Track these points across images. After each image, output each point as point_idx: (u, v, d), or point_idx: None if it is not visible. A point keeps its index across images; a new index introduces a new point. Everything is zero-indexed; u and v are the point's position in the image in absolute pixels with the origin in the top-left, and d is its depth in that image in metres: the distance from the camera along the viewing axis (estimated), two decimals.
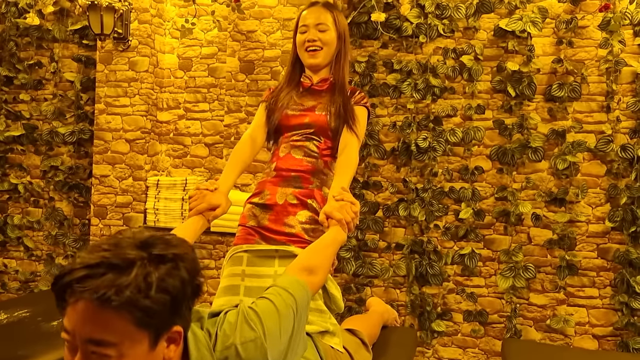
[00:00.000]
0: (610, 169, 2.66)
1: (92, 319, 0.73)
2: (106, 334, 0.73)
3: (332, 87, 1.70)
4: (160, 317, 0.77)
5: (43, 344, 1.55)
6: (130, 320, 0.73)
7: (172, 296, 0.77)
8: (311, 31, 1.66)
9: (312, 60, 1.67)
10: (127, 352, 0.74)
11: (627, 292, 2.59)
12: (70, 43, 3.27)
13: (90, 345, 0.73)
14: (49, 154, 3.30)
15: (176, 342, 0.81)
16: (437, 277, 2.78)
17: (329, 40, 1.67)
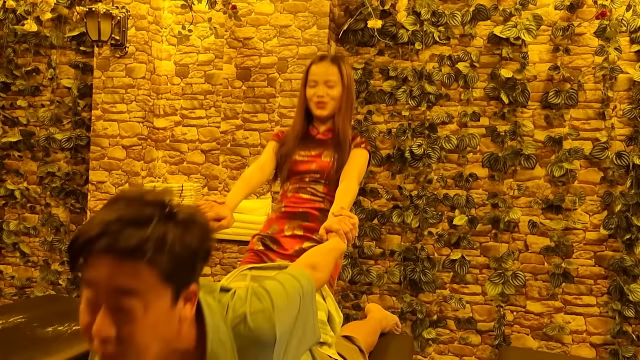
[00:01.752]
0: (605, 176, 2.71)
1: (119, 270, 0.75)
2: (134, 282, 0.75)
3: (336, 136, 1.86)
4: (182, 272, 0.80)
5: (39, 350, 1.59)
6: (154, 272, 0.76)
7: (191, 252, 0.80)
8: (320, 87, 1.82)
9: (320, 112, 1.84)
10: (152, 305, 0.76)
11: (620, 300, 2.63)
12: (67, 50, 3.34)
13: (116, 296, 0.75)
14: (45, 160, 3.36)
15: (192, 302, 0.84)
16: (430, 285, 2.83)
17: (336, 95, 1.83)
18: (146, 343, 0.77)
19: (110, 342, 0.75)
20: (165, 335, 0.80)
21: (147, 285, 0.76)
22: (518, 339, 2.78)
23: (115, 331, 0.75)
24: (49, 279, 3.32)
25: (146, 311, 0.76)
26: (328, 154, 1.84)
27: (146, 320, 0.76)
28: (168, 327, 0.80)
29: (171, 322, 0.80)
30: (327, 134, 1.87)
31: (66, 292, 3.30)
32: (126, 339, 0.75)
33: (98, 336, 0.75)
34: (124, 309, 0.75)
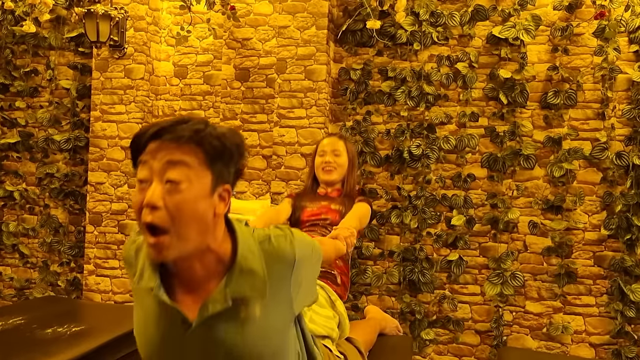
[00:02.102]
0: (605, 177, 2.72)
1: (172, 149, 0.92)
2: (184, 157, 0.92)
3: (343, 194, 2.19)
4: (220, 163, 0.96)
5: (38, 352, 1.60)
6: (200, 155, 0.93)
7: (229, 151, 0.97)
8: (328, 155, 2.18)
9: (327, 176, 2.18)
10: (195, 182, 0.92)
11: (621, 300, 2.64)
12: (66, 51, 3.36)
13: (167, 167, 0.91)
14: (44, 161, 3.38)
15: (225, 202, 0.98)
16: (428, 285, 2.84)
17: (342, 163, 2.19)
18: (188, 216, 0.91)
19: (159, 210, 0.90)
20: (204, 218, 0.93)
21: (193, 163, 0.92)
22: (517, 339, 2.79)
23: (163, 203, 0.90)
24: (48, 280, 3.34)
25: (190, 185, 0.91)
26: (337, 204, 2.13)
27: (190, 193, 0.91)
28: (206, 211, 0.93)
29: (209, 207, 0.94)
30: (335, 192, 2.19)
31: (65, 294, 3.32)
32: (172, 207, 0.90)
33: (149, 204, 0.90)
34: (173, 181, 0.90)
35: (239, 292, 0.97)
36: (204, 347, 0.98)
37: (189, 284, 0.99)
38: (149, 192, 0.91)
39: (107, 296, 3.11)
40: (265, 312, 0.99)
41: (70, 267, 3.34)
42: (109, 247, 3.12)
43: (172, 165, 0.91)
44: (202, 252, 0.96)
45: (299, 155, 2.88)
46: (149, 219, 0.90)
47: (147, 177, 0.93)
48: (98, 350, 1.68)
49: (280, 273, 1.01)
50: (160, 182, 0.91)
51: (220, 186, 0.97)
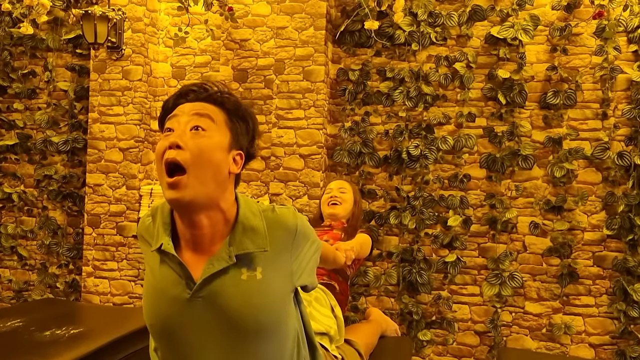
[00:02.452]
0: (606, 177, 2.73)
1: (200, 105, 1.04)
2: (209, 112, 1.03)
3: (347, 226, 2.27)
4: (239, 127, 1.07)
5: (36, 354, 1.61)
6: (223, 114, 1.05)
7: (247, 118, 1.09)
8: (334, 192, 2.32)
9: (332, 210, 2.28)
10: (216, 135, 1.03)
11: (624, 300, 2.65)
12: (64, 52, 3.37)
13: (194, 117, 1.02)
14: (42, 163, 3.39)
15: (237, 165, 1.07)
16: (426, 286, 2.86)
17: (347, 199, 2.30)
18: (207, 159, 0.99)
19: (182, 150, 0.98)
20: (220, 168, 1.02)
21: (217, 119, 1.04)
22: (517, 340, 2.80)
23: (187, 144, 0.99)
24: (47, 282, 3.35)
25: (212, 135, 1.02)
26: (338, 231, 2.22)
27: (211, 140, 1.01)
28: (222, 162, 1.03)
29: (223, 163, 1.03)
30: (339, 224, 2.28)
31: (64, 295, 3.33)
32: (194, 147, 0.99)
33: (174, 143, 0.99)
34: (198, 126, 1.01)
35: (242, 249, 1.03)
36: (208, 310, 1.01)
37: (196, 245, 1.05)
38: (175, 134, 1.01)
39: (105, 298, 3.12)
40: (267, 275, 1.04)
41: (68, 269, 3.35)
42: (107, 249, 3.13)
43: (199, 116, 1.02)
44: (213, 207, 1.02)
45: (298, 157, 2.89)
46: (171, 156, 0.98)
47: (173, 127, 1.03)
48: (97, 353, 1.69)
49: (281, 239, 1.07)
50: (186, 128, 1.01)
51: (235, 149, 1.06)
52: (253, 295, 1.02)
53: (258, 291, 1.02)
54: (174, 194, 0.98)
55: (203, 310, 1.02)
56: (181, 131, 1.01)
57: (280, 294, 1.07)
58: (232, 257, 1.02)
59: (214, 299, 1.01)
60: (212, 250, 1.04)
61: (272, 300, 1.05)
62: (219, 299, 1.01)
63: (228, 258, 1.02)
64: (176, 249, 1.05)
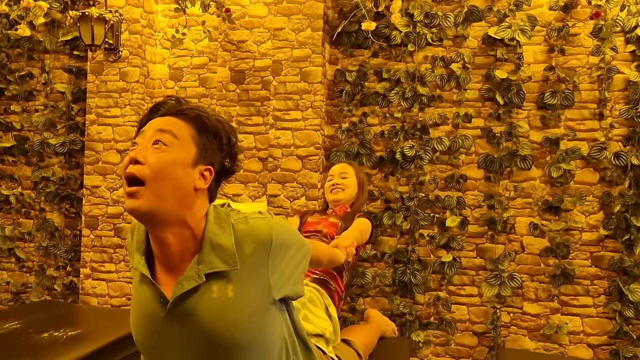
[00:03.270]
0: (603, 177, 2.75)
1: (166, 120, 1.06)
2: (172, 128, 1.04)
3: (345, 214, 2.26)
4: (208, 142, 1.06)
5: (34, 356, 1.62)
6: (190, 130, 1.05)
7: (218, 135, 1.08)
8: (335, 178, 2.32)
9: (334, 196, 2.30)
10: (178, 148, 1.03)
11: (620, 301, 2.68)
12: (61, 54, 3.39)
13: (157, 133, 1.03)
14: (40, 165, 3.41)
15: (205, 180, 1.07)
16: (420, 287, 2.88)
17: (349, 184, 2.30)
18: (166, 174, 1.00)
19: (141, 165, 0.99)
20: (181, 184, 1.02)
21: (181, 133, 1.04)
22: (515, 341, 2.82)
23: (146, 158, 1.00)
24: (45, 284, 3.37)
25: (173, 150, 1.02)
26: (335, 218, 2.21)
27: (171, 155, 1.02)
28: (184, 178, 1.03)
29: (187, 177, 1.03)
30: (340, 209, 2.28)
31: (61, 298, 3.35)
32: (153, 162, 1.00)
33: (133, 158, 1.00)
34: (159, 141, 1.02)
35: (210, 267, 1.02)
36: (184, 328, 1.03)
37: (167, 264, 1.06)
38: (137, 149, 1.03)
39: (103, 300, 3.14)
40: (239, 292, 1.03)
41: (66, 271, 3.38)
42: (105, 251, 3.15)
43: (161, 132, 1.03)
44: (179, 224, 1.03)
45: (295, 158, 2.91)
46: (131, 170, 1.00)
47: (139, 142, 1.05)
48: (94, 355, 1.71)
49: (254, 252, 1.04)
50: (148, 143, 1.03)
51: (202, 164, 1.06)
52: (225, 313, 1.02)
53: (230, 309, 1.02)
54: (130, 204, 1.00)
55: (179, 328, 1.03)
56: (143, 146, 1.02)
57: (256, 310, 1.05)
58: (202, 276, 1.01)
59: (188, 317, 1.02)
60: (183, 268, 1.04)
61: (246, 316, 1.03)
62: (192, 317, 1.02)
63: (197, 277, 1.01)
64: (151, 267, 1.07)
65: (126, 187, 1.01)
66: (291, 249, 1.12)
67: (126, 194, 1.01)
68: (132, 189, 1.00)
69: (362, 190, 2.36)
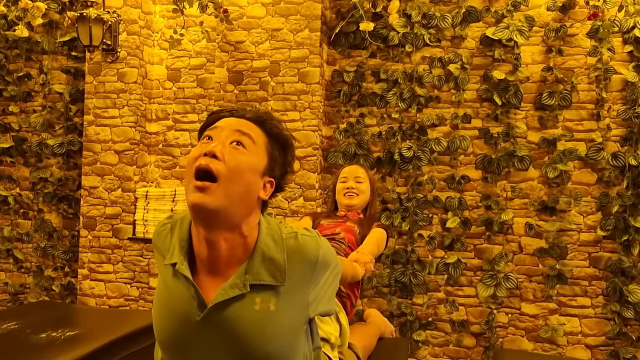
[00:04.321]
0: (601, 177, 2.77)
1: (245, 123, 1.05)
2: (252, 132, 1.04)
3: (360, 219, 2.21)
4: (277, 153, 1.07)
5: (32, 356, 1.64)
6: (264, 138, 1.05)
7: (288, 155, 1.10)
8: (350, 181, 2.24)
9: (349, 201, 2.22)
10: (254, 156, 1.03)
11: (619, 301, 2.69)
12: (59, 55, 3.41)
13: (236, 134, 1.02)
14: (38, 165, 3.43)
15: (267, 191, 1.07)
16: (420, 287, 2.90)
17: (364, 189, 2.24)
18: (240, 176, 0.99)
19: (218, 161, 0.97)
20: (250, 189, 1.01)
21: (258, 140, 1.04)
22: (513, 341, 2.84)
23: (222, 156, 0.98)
24: (43, 285, 3.39)
25: (250, 154, 1.02)
26: (352, 223, 2.17)
27: (249, 158, 1.01)
28: (254, 184, 1.02)
29: (255, 186, 1.03)
30: (355, 215, 2.24)
31: (60, 298, 3.37)
32: (231, 161, 0.98)
33: (211, 152, 0.98)
34: (239, 142, 1.01)
35: (257, 279, 1.01)
36: (218, 334, 1.00)
37: (212, 267, 1.03)
38: (214, 143, 1.00)
39: (101, 300, 3.17)
40: (280, 307, 1.02)
41: (64, 271, 3.40)
42: (103, 252, 3.17)
43: (241, 133, 1.03)
44: (234, 229, 1.01)
45: None
46: (205, 162, 0.97)
47: (214, 136, 1.03)
48: (92, 355, 1.72)
49: (300, 270, 1.04)
50: (226, 140, 1.01)
51: (268, 176, 1.06)
52: (264, 327, 1.00)
53: (270, 323, 1.00)
54: (199, 198, 0.96)
55: (213, 334, 1.01)
56: (221, 142, 1.00)
57: (293, 327, 1.05)
58: (247, 286, 1.00)
59: (224, 325, 1.00)
60: (228, 274, 1.02)
61: (283, 332, 1.03)
62: (229, 325, 1.00)
63: (242, 286, 1.00)
64: (191, 267, 1.04)
65: (195, 180, 0.97)
66: (329, 267, 1.12)
67: (195, 187, 0.96)
68: (204, 183, 0.96)
69: (374, 195, 2.33)
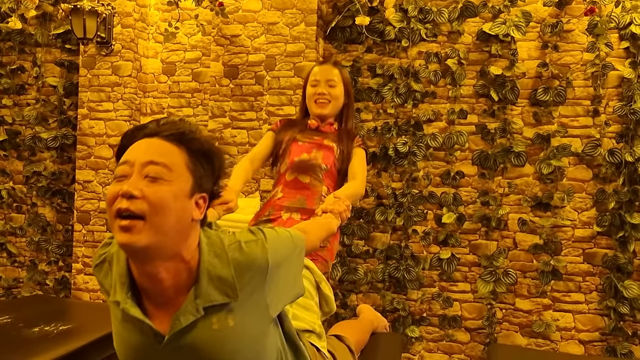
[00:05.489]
0: (597, 174, 2.78)
1: (156, 148, 0.96)
2: (166, 159, 0.95)
3: (338, 132, 2.00)
4: (201, 170, 0.99)
5: (25, 351, 1.64)
6: (183, 158, 0.97)
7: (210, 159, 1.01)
8: (322, 85, 1.97)
9: (320, 110, 1.97)
10: (175, 182, 0.95)
11: (615, 297, 2.71)
12: (53, 47, 3.40)
13: (149, 166, 0.94)
14: (31, 159, 3.43)
15: (201, 210, 1.00)
16: (414, 282, 2.91)
17: (337, 95, 1.98)
18: (167, 207, 0.93)
19: (137, 200, 0.91)
20: (181, 216, 0.95)
21: (176, 163, 0.96)
22: (507, 337, 2.86)
23: (141, 193, 0.92)
24: (36, 279, 3.39)
25: (170, 183, 0.94)
26: (329, 141, 1.95)
27: (169, 188, 0.94)
28: (184, 210, 0.96)
29: (185, 211, 0.96)
30: (329, 127, 2.00)
31: (53, 293, 3.37)
32: (152, 196, 0.92)
33: (127, 193, 0.91)
34: (152, 177, 0.93)
35: (209, 301, 0.98)
36: (181, 358, 1.00)
37: (158, 299, 0.99)
38: (130, 182, 0.93)
39: (95, 295, 3.17)
40: (239, 321, 1.00)
41: (58, 266, 3.40)
42: (97, 246, 3.16)
43: (154, 165, 0.94)
44: (173, 257, 0.96)
45: None
46: (124, 206, 0.91)
47: (126, 173, 0.95)
48: (85, 349, 1.73)
49: (252, 279, 1.02)
50: (140, 176, 0.94)
51: (198, 193, 0.99)
52: (226, 343, 0.99)
53: (231, 339, 1.00)
54: (127, 239, 0.91)
55: (177, 356, 1.00)
56: (135, 179, 0.93)
57: (256, 335, 1.04)
58: (200, 310, 0.97)
59: (187, 349, 0.99)
60: (178, 301, 0.98)
61: (247, 342, 1.02)
62: (192, 349, 0.98)
63: (195, 311, 0.97)
64: (138, 299, 1.00)
65: (119, 220, 0.92)
66: (286, 262, 1.09)
67: (120, 227, 0.92)
68: (128, 222, 0.91)
69: (349, 98, 2.04)
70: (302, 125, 2.02)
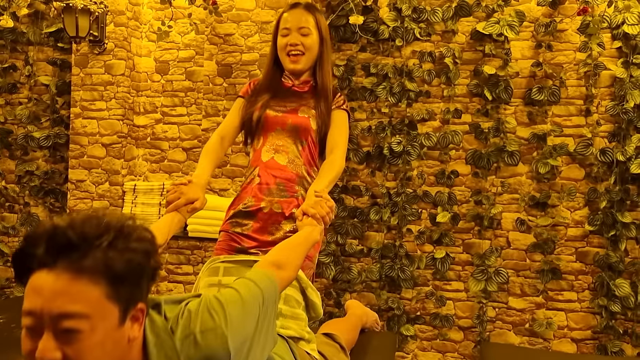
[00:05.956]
0: (589, 173, 2.80)
1: (63, 290, 0.77)
2: (79, 305, 0.77)
3: (314, 90, 1.78)
4: (128, 288, 0.82)
5: (17, 351, 1.64)
6: (101, 290, 0.78)
7: (137, 270, 0.83)
8: (293, 34, 1.72)
9: (294, 65, 1.74)
10: (99, 326, 0.78)
11: (606, 296, 2.73)
12: (45, 46, 3.38)
13: (61, 320, 0.76)
14: (24, 158, 3.41)
15: (139, 321, 0.87)
16: (408, 282, 2.92)
17: (311, 45, 1.73)
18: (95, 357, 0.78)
19: None
20: (115, 352, 0.81)
21: (92, 306, 0.78)
22: (500, 335, 2.88)
23: (61, 354, 0.76)
24: None
25: (93, 331, 0.77)
26: (305, 109, 1.76)
27: (93, 339, 0.77)
28: (116, 348, 0.81)
29: (119, 342, 0.82)
30: (304, 86, 1.79)
31: None
32: (75, 356, 0.77)
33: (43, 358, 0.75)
34: (68, 331, 0.76)
35: None
36: None
37: None
38: (41, 346, 0.77)
39: None
40: None
41: None
42: None
43: (67, 319, 0.77)
44: None
45: None
46: None
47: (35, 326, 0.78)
48: None
49: None
50: (53, 334, 0.77)
51: (131, 310, 0.85)
52: None
53: None
54: None
55: None
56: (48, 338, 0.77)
57: None
58: None
59: None
60: None
61: None
62: None
63: None
64: None
65: None
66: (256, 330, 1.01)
67: None
68: None
69: (325, 45, 1.77)
70: (276, 83, 1.80)
